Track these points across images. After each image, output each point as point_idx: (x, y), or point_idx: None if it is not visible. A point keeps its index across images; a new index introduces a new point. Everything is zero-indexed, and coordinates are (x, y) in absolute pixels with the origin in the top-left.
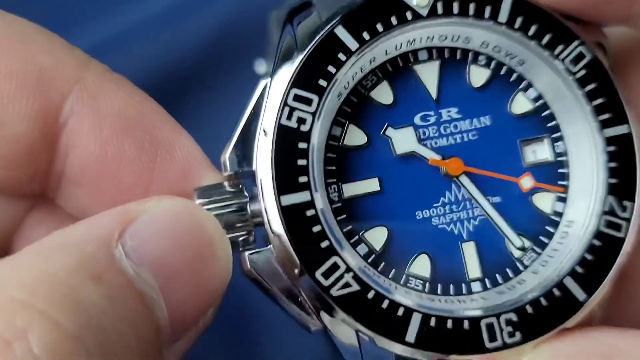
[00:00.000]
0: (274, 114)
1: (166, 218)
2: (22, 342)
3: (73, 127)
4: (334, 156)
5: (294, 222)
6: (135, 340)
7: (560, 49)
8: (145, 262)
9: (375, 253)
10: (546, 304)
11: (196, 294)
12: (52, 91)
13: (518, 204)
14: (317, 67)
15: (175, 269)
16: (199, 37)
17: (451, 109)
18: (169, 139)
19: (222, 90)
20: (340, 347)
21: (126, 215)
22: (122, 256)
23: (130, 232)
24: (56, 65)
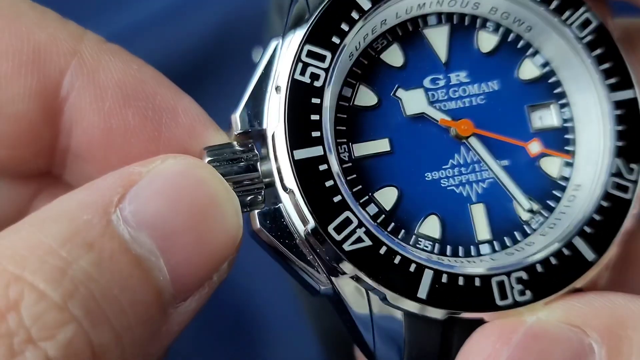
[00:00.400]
0: (287, 70)
1: (167, 178)
2: (15, 314)
3: (74, 102)
4: (345, 116)
5: (306, 177)
6: (129, 304)
7: (567, 14)
8: (143, 224)
9: (385, 213)
10: (556, 262)
11: (202, 251)
12: (49, 67)
13: (526, 168)
14: (331, 24)
15: (175, 229)
16: (200, 34)
17: (460, 73)
18: (172, 105)
19: (224, 85)
20: (349, 307)
21: (128, 178)
22: (119, 221)
23: (130, 196)
24: (51, 41)
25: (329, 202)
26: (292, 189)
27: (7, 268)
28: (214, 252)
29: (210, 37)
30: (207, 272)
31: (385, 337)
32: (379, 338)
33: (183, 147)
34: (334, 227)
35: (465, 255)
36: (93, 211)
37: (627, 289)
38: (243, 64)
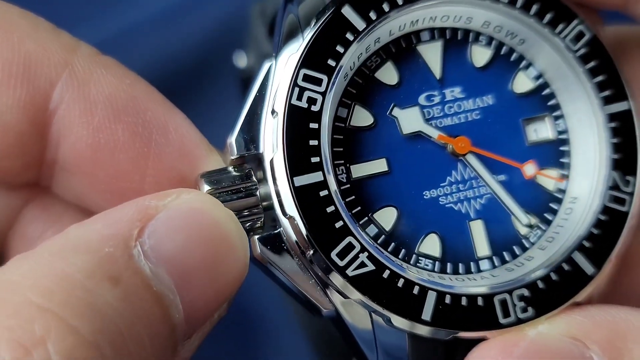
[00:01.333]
0: (284, 95)
1: (185, 215)
2: (41, 350)
3: (63, 115)
4: (341, 137)
5: (307, 203)
6: (149, 340)
7: (561, 27)
8: (162, 261)
9: (384, 234)
10: (556, 278)
11: (212, 290)
12: (39, 79)
13: (523, 182)
14: (326, 47)
15: (191, 267)
16: (190, 40)
17: (455, 89)
18: (163, 122)
19: (213, 91)
20: (352, 329)
21: (146, 212)
22: (141, 256)
23: (149, 231)
24: (42, 52)
25: (331, 228)
26: (292, 215)
27: (31, 299)
28: (222, 290)
29: (200, 42)
30: (214, 309)
31: (390, 358)
32: (384, 359)
33: (172, 164)
34: (336, 253)
35: (466, 272)
36: (115, 244)
37: (624, 293)
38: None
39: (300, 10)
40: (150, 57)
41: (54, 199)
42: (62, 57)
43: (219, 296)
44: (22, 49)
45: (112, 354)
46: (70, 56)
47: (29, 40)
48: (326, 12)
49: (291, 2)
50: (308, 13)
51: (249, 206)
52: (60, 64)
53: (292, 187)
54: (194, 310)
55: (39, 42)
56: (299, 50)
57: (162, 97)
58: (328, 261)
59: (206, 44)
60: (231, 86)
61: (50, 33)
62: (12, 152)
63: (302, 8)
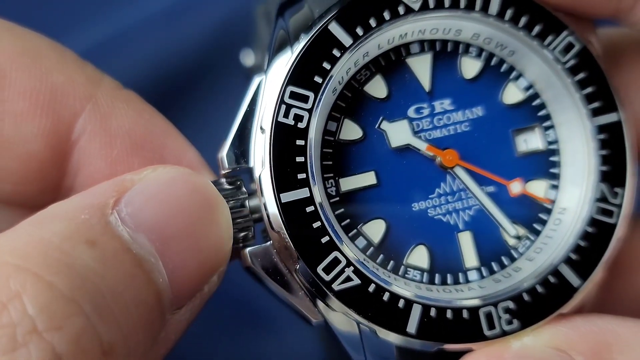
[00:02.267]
0: (270, 112)
1: (162, 184)
2: (17, 304)
3: (84, 146)
4: (330, 151)
5: (294, 219)
6: (134, 304)
7: (550, 39)
8: (141, 228)
9: (373, 246)
10: (542, 290)
11: (197, 258)
12: (64, 109)
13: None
14: (312, 63)
15: (172, 234)
16: (194, 38)
17: (444, 101)
18: (177, 158)
19: (218, 90)
20: (341, 338)
21: (122, 184)
22: (118, 222)
23: (126, 200)
24: (69, 83)
25: (317, 243)
26: (280, 230)
27: (7, 260)
28: (208, 258)
29: (202, 42)
30: (202, 278)
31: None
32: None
33: None
34: (322, 268)
35: (454, 283)
36: (90, 212)
37: (619, 299)
38: (234, 69)
39: (290, 24)
40: (153, 55)
41: None
42: (87, 89)
43: (205, 265)
44: (50, 80)
45: (94, 312)
46: (95, 89)
47: (56, 72)
48: (313, 28)
49: (282, 16)
50: (298, 28)
51: (239, 217)
52: (84, 97)
53: (279, 203)
54: (180, 277)
55: (65, 74)
56: (285, 67)
57: (177, 131)
58: (314, 275)
59: (211, 42)
60: (237, 85)
61: (76, 65)
62: (31, 179)
63: (292, 22)
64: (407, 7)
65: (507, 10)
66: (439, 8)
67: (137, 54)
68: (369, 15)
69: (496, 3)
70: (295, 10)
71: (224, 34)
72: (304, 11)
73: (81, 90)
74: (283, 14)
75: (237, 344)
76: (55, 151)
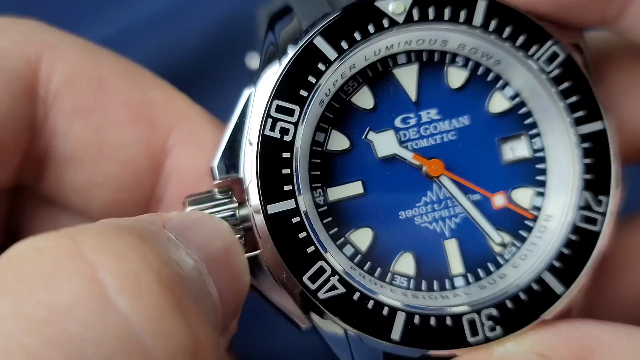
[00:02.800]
0: (257, 125)
1: (193, 218)
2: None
3: (176, 157)
4: (319, 161)
5: (280, 230)
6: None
7: (534, 49)
8: (190, 245)
9: (360, 253)
10: (525, 298)
11: (232, 284)
12: (161, 121)
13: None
14: (298, 77)
15: (214, 256)
16: (197, 36)
17: (431, 110)
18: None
19: (222, 88)
20: (330, 343)
21: (159, 217)
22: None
23: (169, 226)
24: (165, 100)
25: (303, 253)
26: (267, 240)
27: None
28: (240, 285)
29: (207, 39)
30: (236, 306)
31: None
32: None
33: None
34: (308, 277)
35: (440, 289)
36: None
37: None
38: (238, 68)
39: (279, 36)
40: (157, 52)
41: None
42: (182, 108)
43: (238, 292)
44: (149, 94)
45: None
46: (189, 109)
47: (155, 89)
48: (299, 42)
49: (272, 30)
50: (286, 40)
51: (230, 225)
52: (179, 113)
53: (266, 215)
54: (224, 299)
55: (163, 92)
56: (272, 81)
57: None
58: (300, 284)
59: (211, 42)
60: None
61: (172, 87)
62: (129, 185)
63: (282, 35)
64: (391, 20)
65: (492, 21)
66: (423, 20)
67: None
68: (354, 29)
69: (480, 14)
70: (285, 23)
71: (225, 34)
72: (293, 24)
73: (177, 107)
74: (273, 26)
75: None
76: (151, 159)
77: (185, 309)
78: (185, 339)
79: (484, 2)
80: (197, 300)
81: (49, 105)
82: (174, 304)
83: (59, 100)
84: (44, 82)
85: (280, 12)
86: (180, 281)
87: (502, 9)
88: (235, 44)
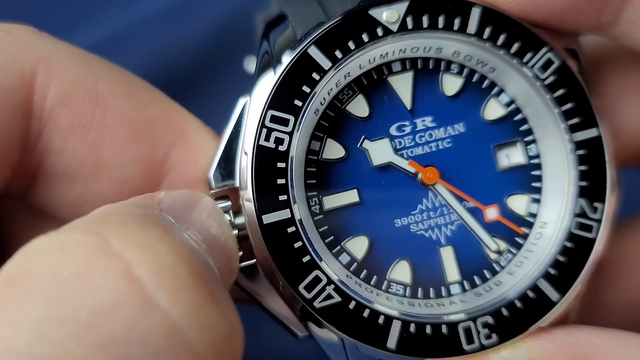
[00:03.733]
0: (252, 135)
1: (185, 200)
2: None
3: (175, 178)
4: (314, 170)
5: (275, 239)
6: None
7: (529, 56)
8: (190, 227)
9: (356, 262)
10: (521, 305)
11: (227, 267)
12: (159, 140)
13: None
14: (292, 87)
15: (212, 238)
16: (194, 38)
17: (426, 118)
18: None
19: (220, 90)
20: (327, 351)
21: (152, 198)
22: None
23: (165, 209)
24: (164, 116)
25: (299, 263)
26: (262, 250)
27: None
28: (233, 270)
29: (205, 42)
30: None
31: None
32: None
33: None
34: (304, 286)
35: (437, 297)
36: (141, 201)
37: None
38: (235, 71)
39: (274, 45)
40: (153, 55)
41: None
42: (179, 123)
43: (232, 277)
44: (147, 111)
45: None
46: (186, 124)
47: (153, 104)
48: (293, 51)
49: (267, 38)
50: (281, 49)
51: None
52: (177, 130)
53: (261, 225)
54: (223, 278)
55: (160, 107)
56: (266, 91)
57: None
58: (296, 294)
59: (210, 43)
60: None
61: (169, 101)
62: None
63: (277, 44)
64: (385, 29)
65: (486, 28)
66: (417, 29)
67: (134, 56)
68: (348, 38)
69: (474, 22)
70: (280, 31)
71: (220, 38)
72: (287, 32)
73: (175, 124)
74: (268, 35)
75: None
76: (148, 179)
77: (218, 298)
78: (223, 328)
79: (478, 10)
80: (220, 287)
81: (43, 123)
82: (209, 294)
83: (54, 118)
84: (38, 98)
85: (275, 19)
86: (207, 270)
87: (496, 16)
88: (230, 47)
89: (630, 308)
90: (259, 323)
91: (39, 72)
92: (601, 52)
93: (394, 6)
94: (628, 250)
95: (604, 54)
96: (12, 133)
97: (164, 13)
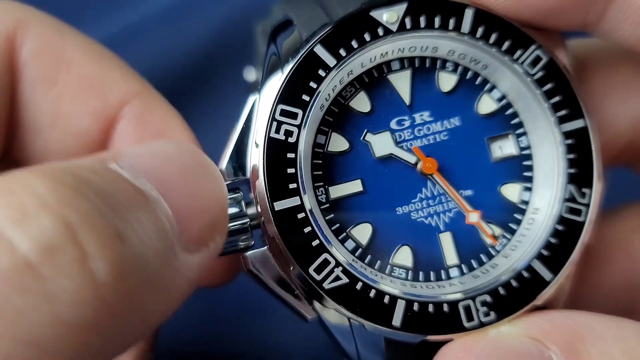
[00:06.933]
0: (263, 128)
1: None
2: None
3: (122, 128)
4: (320, 162)
5: (286, 225)
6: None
7: (519, 53)
8: (140, 172)
9: (361, 247)
10: (516, 285)
11: (197, 204)
12: (114, 96)
13: (488, 195)
14: (300, 83)
15: (170, 178)
16: (195, 41)
17: (423, 113)
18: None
19: (219, 92)
20: (335, 332)
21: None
22: (117, 167)
23: (123, 156)
24: (122, 78)
25: (308, 246)
26: (274, 236)
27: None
28: (209, 205)
29: (204, 45)
30: (208, 225)
31: (369, 356)
32: (363, 356)
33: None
34: (314, 269)
35: (437, 280)
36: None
37: (590, 293)
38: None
39: (281, 47)
40: (154, 56)
41: None
42: (137, 87)
43: (207, 211)
44: (107, 72)
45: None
46: (143, 89)
47: (114, 67)
48: (300, 51)
49: (275, 41)
50: (288, 50)
51: (239, 224)
52: (134, 92)
53: (273, 211)
54: (184, 218)
55: (121, 72)
56: (276, 87)
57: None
58: (306, 276)
59: (209, 45)
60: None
61: (131, 70)
62: (80, 154)
63: (284, 46)
64: (385, 29)
65: (479, 28)
66: (415, 29)
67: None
68: (351, 37)
69: (468, 22)
70: (287, 35)
71: (220, 42)
72: (294, 35)
73: (132, 86)
74: (275, 38)
75: (237, 334)
76: (102, 131)
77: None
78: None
79: (471, 11)
80: (110, 217)
81: (17, 77)
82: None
83: (25, 71)
84: (17, 56)
85: (281, 25)
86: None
87: (488, 16)
88: (229, 50)
89: (614, 294)
90: (264, 312)
91: (17, 32)
92: (588, 49)
93: (393, 8)
94: (613, 237)
95: (591, 51)
96: (4, 88)
97: (164, 15)
